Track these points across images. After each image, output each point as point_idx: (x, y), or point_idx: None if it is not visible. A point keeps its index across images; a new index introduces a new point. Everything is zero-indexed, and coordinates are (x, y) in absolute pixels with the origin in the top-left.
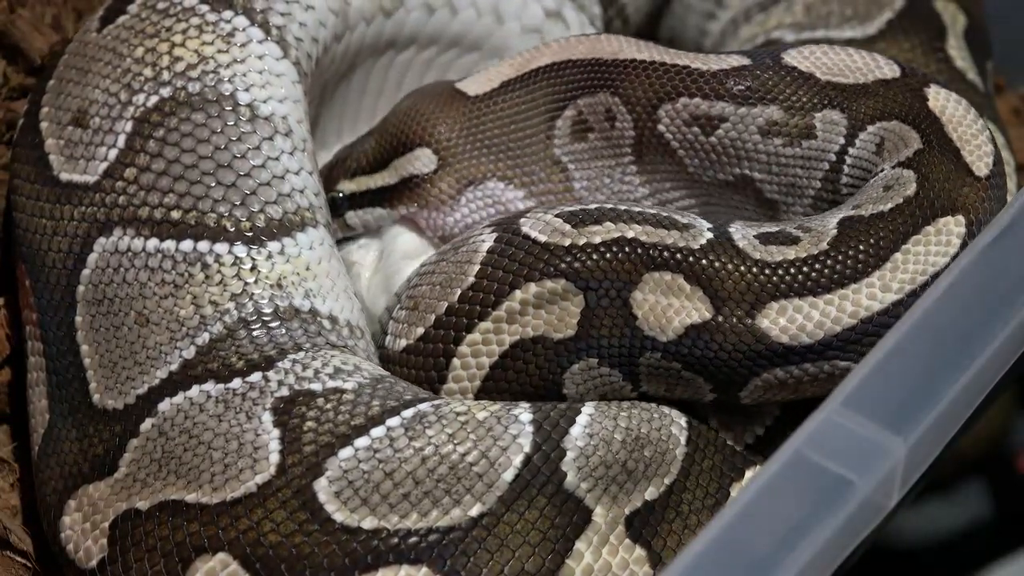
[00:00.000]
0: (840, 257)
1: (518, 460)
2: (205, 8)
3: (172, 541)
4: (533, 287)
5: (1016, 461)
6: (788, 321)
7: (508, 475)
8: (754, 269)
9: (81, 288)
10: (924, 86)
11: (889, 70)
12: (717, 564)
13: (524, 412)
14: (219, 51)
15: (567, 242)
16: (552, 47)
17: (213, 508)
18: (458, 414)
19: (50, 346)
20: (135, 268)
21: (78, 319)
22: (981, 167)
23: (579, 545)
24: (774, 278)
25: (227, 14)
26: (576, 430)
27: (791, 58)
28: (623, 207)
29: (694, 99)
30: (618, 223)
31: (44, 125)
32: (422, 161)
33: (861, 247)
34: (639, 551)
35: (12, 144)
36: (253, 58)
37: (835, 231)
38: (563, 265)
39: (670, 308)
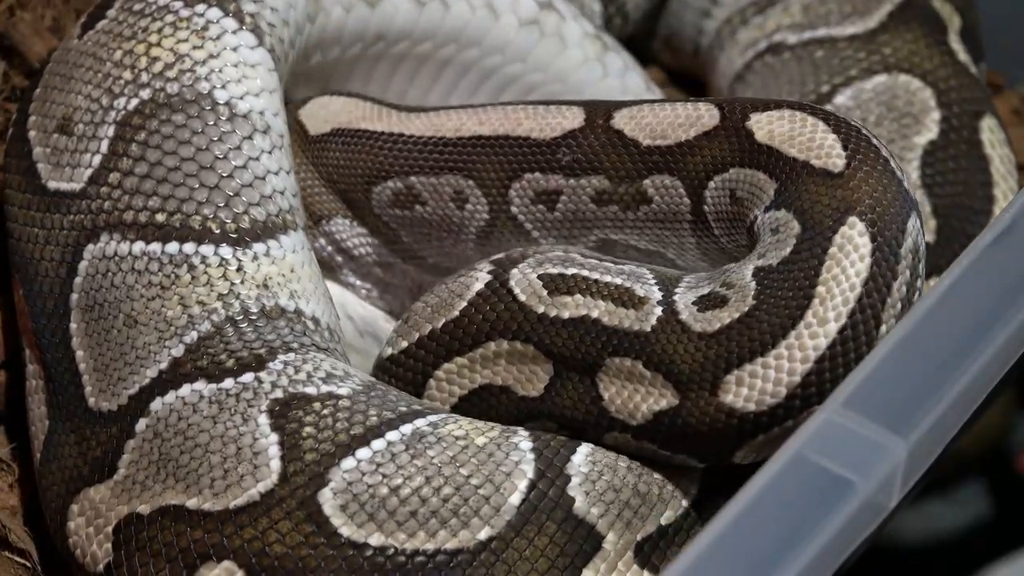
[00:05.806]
0: (768, 310)
1: (523, 485)
2: (179, 4)
3: (176, 547)
4: (506, 344)
5: (1016, 461)
6: (749, 388)
7: (515, 499)
8: (702, 346)
9: (74, 296)
10: (744, 120)
11: (709, 117)
12: (717, 564)
13: (524, 440)
14: (194, 47)
15: (540, 310)
16: (392, 116)
17: (216, 516)
18: (457, 438)
19: (46, 353)
20: (122, 272)
21: (73, 326)
22: (836, 162)
23: (586, 573)
24: (721, 349)
25: (200, 7)
26: (578, 457)
27: (620, 120)
28: (594, 276)
29: (535, 174)
30: (586, 297)
31: (32, 134)
32: None
33: (784, 295)
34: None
35: (4, 153)
36: (228, 51)
37: (754, 284)
38: (534, 335)
39: (636, 394)
